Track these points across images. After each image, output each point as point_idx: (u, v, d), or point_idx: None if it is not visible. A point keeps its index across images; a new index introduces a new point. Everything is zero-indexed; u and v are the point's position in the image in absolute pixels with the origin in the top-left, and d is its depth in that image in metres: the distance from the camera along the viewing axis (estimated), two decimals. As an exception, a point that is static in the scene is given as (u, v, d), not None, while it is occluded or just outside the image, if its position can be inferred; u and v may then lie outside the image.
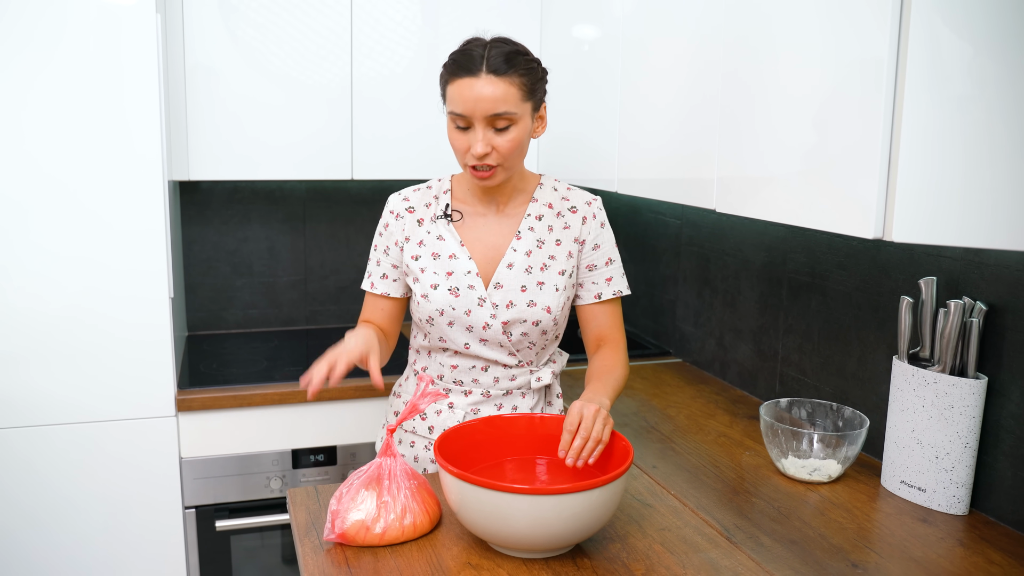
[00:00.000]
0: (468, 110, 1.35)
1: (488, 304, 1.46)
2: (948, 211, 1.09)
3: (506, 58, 1.35)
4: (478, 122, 1.36)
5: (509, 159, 1.40)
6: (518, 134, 1.39)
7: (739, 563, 1.23)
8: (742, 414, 1.92)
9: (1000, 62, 1.04)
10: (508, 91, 1.35)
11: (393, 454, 1.30)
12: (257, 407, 2.10)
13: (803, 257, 1.83)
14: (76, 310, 1.93)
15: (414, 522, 1.26)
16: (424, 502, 1.29)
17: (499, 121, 1.36)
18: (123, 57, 1.86)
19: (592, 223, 1.53)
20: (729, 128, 1.48)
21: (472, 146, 1.37)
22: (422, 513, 1.28)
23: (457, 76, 1.36)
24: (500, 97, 1.34)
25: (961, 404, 1.36)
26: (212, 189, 2.59)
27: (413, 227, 1.52)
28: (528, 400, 1.56)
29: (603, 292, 1.53)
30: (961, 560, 1.25)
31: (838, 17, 1.19)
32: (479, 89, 1.34)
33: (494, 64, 1.34)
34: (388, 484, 1.27)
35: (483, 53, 1.35)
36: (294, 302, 2.73)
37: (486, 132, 1.37)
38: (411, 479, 1.30)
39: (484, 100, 1.34)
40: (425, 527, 1.28)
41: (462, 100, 1.35)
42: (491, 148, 1.38)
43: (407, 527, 1.26)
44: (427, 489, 1.32)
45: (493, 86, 1.34)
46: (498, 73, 1.34)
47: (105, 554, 2.02)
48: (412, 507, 1.27)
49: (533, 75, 1.39)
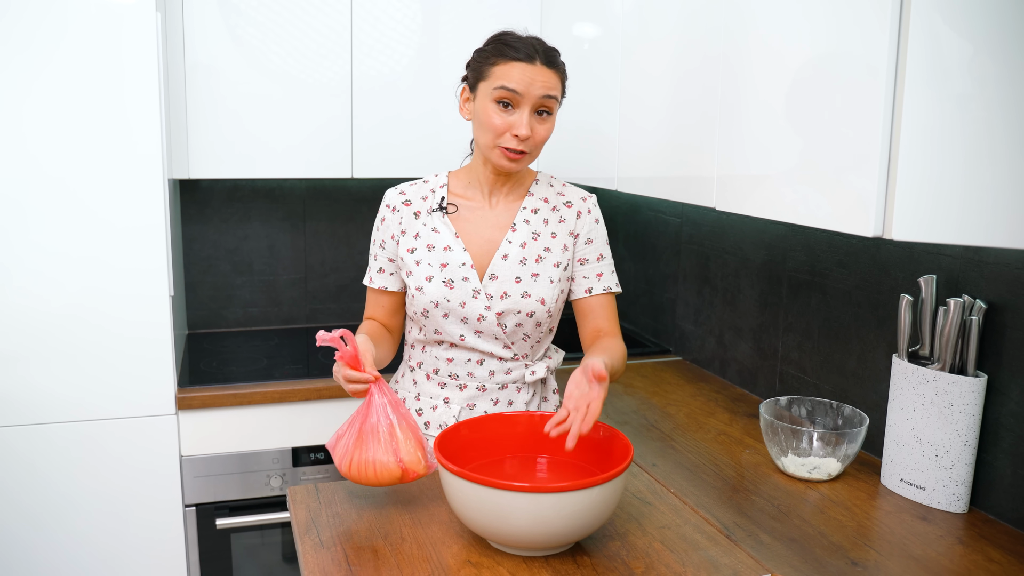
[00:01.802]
0: (524, 88, 1.39)
1: (483, 295, 1.47)
2: (948, 209, 1.09)
3: (553, 55, 1.43)
4: (528, 103, 1.40)
5: (538, 147, 1.45)
6: (552, 124, 1.45)
7: (739, 561, 1.23)
8: (742, 412, 1.92)
9: (1000, 60, 1.04)
10: (557, 82, 1.42)
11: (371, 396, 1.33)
12: (257, 405, 2.10)
13: (803, 255, 1.83)
14: (76, 308, 1.93)
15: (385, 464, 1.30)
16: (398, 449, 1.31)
17: (545, 104, 1.41)
18: (123, 56, 1.86)
19: (587, 218, 1.54)
20: (729, 126, 1.48)
21: (516, 127, 1.40)
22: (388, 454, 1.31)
23: (512, 59, 1.40)
24: (553, 84, 1.41)
25: (961, 402, 1.36)
26: (212, 187, 2.59)
27: (409, 220, 1.52)
28: (524, 394, 1.56)
29: (594, 287, 1.53)
30: (960, 558, 1.25)
31: (839, 14, 1.19)
32: (535, 73, 1.39)
33: (549, 56, 1.42)
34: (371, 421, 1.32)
35: (534, 43, 1.42)
36: (294, 300, 2.73)
37: (532, 116, 1.41)
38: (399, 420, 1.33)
39: (540, 83, 1.39)
40: (395, 474, 1.30)
41: (519, 80, 1.39)
42: (531, 132, 1.41)
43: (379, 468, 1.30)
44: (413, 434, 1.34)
45: (547, 74, 1.40)
46: (550, 65, 1.41)
47: (105, 552, 2.02)
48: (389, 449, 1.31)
49: (566, 76, 1.47)
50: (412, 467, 1.31)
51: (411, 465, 1.31)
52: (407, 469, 1.31)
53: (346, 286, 2.77)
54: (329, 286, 2.76)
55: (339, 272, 2.76)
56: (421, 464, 1.32)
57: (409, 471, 1.31)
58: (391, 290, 1.56)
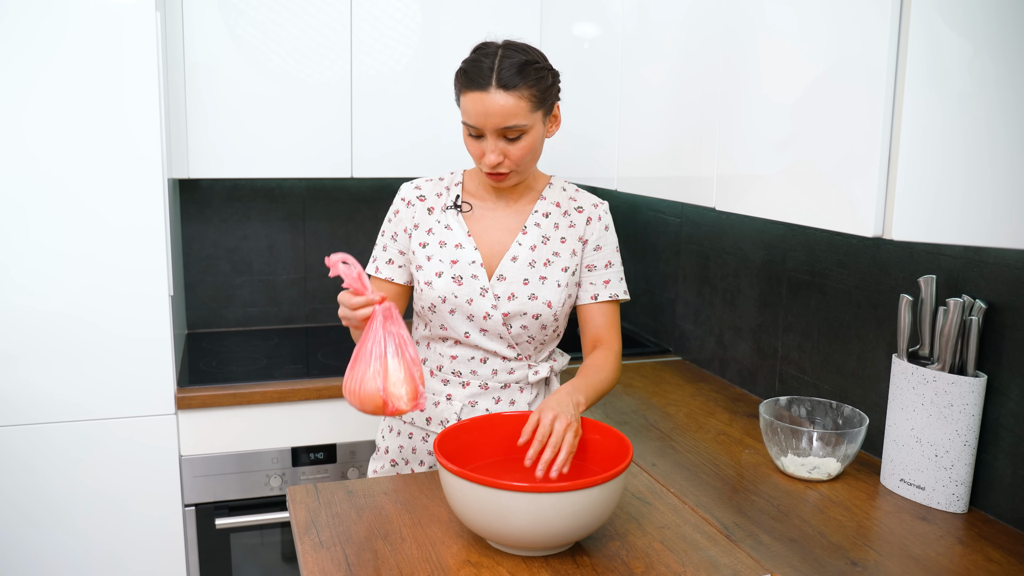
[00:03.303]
0: (479, 123, 1.38)
1: (490, 295, 1.47)
2: (948, 209, 1.09)
3: (517, 70, 1.36)
4: (489, 134, 1.39)
5: (521, 164, 1.44)
6: (529, 142, 1.41)
7: (738, 561, 1.23)
8: (742, 412, 1.92)
9: (1000, 60, 1.04)
10: (518, 105, 1.36)
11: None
12: (257, 405, 2.10)
13: (803, 255, 1.83)
14: (76, 308, 1.93)
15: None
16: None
17: (510, 132, 1.39)
18: (123, 55, 1.86)
19: (597, 224, 1.55)
20: (729, 126, 1.48)
21: (485, 155, 1.41)
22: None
23: (468, 89, 1.38)
24: (510, 111, 1.36)
25: (960, 402, 1.36)
26: (212, 187, 2.58)
27: (423, 215, 1.53)
28: (526, 395, 1.56)
29: (599, 293, 1.54)
30: (960, 558, 1.25)
31: (838, 14, 1.19)
32: (488, 103, 1.36)
33: (504, 78, 1.35)
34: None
35: (492, 65, 1.36)
36: (294, 300, 2.73)
37: (497, 142, 1.40)
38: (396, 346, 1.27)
39: (494, 115, 1.36)
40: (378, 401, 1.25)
41: (474, 113, 1.38)
42: (503, 157, 1.41)
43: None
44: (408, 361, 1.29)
45: (503, 100, 1.35)
46: (507, 88, 1.35)
47: (105, 552, 2.02)
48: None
49: (543, 83, 1.40)
50: (394, 401, 1.25)
51: (393, 399, 1.25)
52: (387, 402, 1.24)
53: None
54: (329, 286, 2.75)
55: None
56: (403, 400, 1.26)
57: (389, 404, 1.25)
58: (397, 282, 1.56)
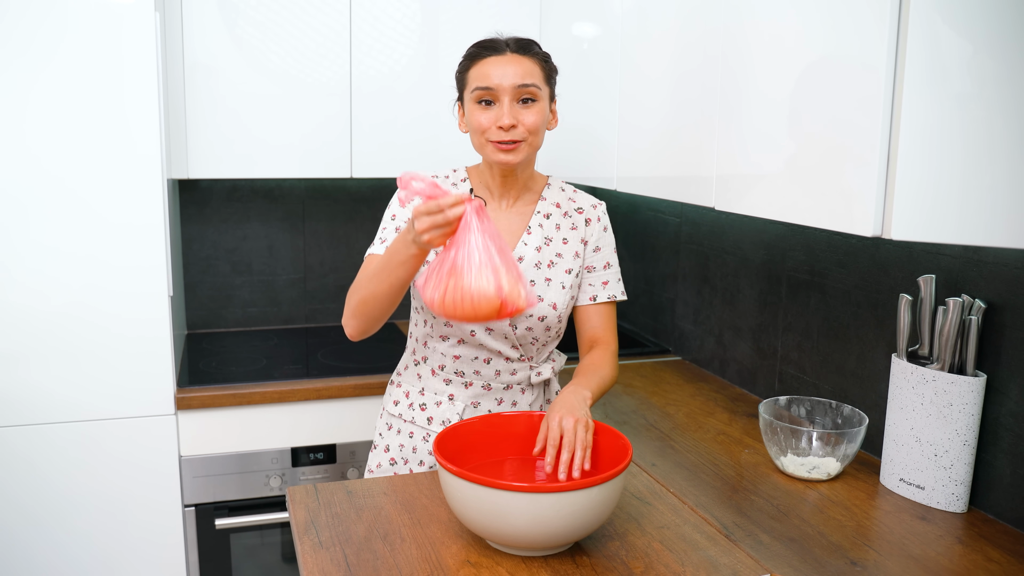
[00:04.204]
0: (496, 82, 1.40)
1: None
2: (947, 209, 1.09)
3: (526, 43, 1.44)
4: (505, 94, 1.40)
5: (533, 134, 1.43)
6: (540, 111, 1.44)
7: (738, 561, 1.23)
8: (741, 412, 1.92)
9: (1000, 60, 1.04)
10: (532, 67, 1.42)
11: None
12: (256, 405, 2.10)
13: (802, 255, 1.83)
14: (75, 308, 1.93)
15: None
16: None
17: (525, 92, 1.41)
18: (123, 55, 1.86)
19: (596, 226, 1.55)
20: (728, 125, 1.48)
21: (499, 118, 1.40)
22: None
23: (481, 57, 1.42)
24: (527, 70, 1.41)
25: (960, 402, 1.36)
26: (211, 187, 2.58)
27: None
28: (528, 396, 1.56)
29: (598, 295, 1.54)
30: (960, 558, 1.25)
31: (837, 14, 1.19)
32: (505, 63, 1.41)
33: (515, 46, 1.43)
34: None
35: (503, 39, 1.44)
36: (293, 300, 2.73)
37: (512, 106, 1.41)
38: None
39: (510, 74, 1.40)
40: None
41: (489, 75, 1.40)
42: (516, 121, 1.41)
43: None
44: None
45: (518, 62, 1.41)
46: (522, 52, 1.43)
47: (104, 552, 2.02)
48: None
49: (549, 63, 1.47)
50: (512, 299, 1.16)
51: (511, 297, 1.16)
52: (506, 300, 1.16)
53: (345, 286, 2.77)
54: (328, 286, 2.76)
55: (338, 272, 2.75)
56: (522, 297, 1.18)
57: (507, 303, 1.16)
58: None
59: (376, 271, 1.37)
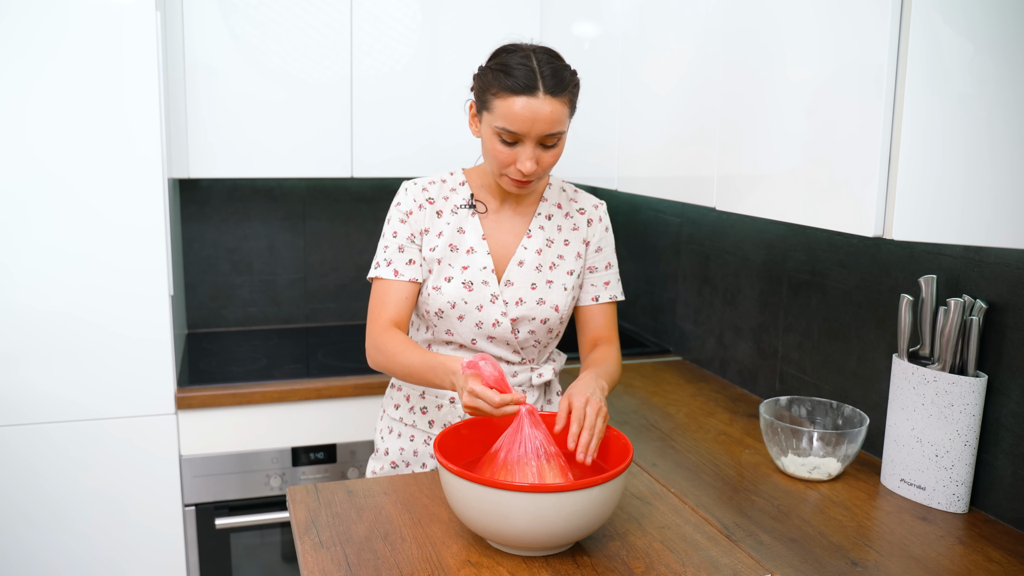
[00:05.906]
0: (524, 129, 1.32)
1: (500, 301, 1.47)
2: (948, 209, 1.08)
3: (560, 77, 1.33)
4: (530, 140, 1.34)
5: (548, 171, 1.41)
6: (561, 148, 1.39)
7: (739, 561, 1.23)
8: (742, 412, 1.92)
9: (1000, 60, 1.04)
10: (563, 111, 1.34)
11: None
12: (257, 405, 2.10)
13: (803, 255, 1.83)
14: (76, 307, 1.93)
15: None
16: None
17: (549, 140, 1.35)
18: (123, 55, 1.86)
19: (597, 226, 1.55)
20: (729, 126, 1.48)
21: (520, 162, 1.36)
22: None
23: (512, 92, 1.31)
24: (557, 118, 1.33)
25: (961, 402, 1.36)
26: (212, 187, 2.58)
27: (432, 218, 1.50)
28: (529, 397, 1.56)
29: (600, 295, 1.54)
30: (961, 558, 1.25)
31: (838, 15, 1.19)
32: (538, 109, 1.31)
33: (550, 84, 1.31)
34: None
35: (535, 68, 1.31)
36: (294, 300, 2.73)
37: (536, 149, 1.36)
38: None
39: (542, 121, 1.32)
40: None
41: (519, 119, 1.31)
42: (537, 165, 1.37)
43: None
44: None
45: (551, 107, 1.32)
46: (555, 93, 1.32)
47: (105, 552, 2.02)
48: None
49: (577, 90, 1.38)
50: None
51: None
52: None
53: (346, 286, 2.77)
54: (329, 286, 2.76)
55: (339, 272, 2.75)
56: None
57: None
58: (420, 281, 1.50)
59: (409, 368, 1.38)
